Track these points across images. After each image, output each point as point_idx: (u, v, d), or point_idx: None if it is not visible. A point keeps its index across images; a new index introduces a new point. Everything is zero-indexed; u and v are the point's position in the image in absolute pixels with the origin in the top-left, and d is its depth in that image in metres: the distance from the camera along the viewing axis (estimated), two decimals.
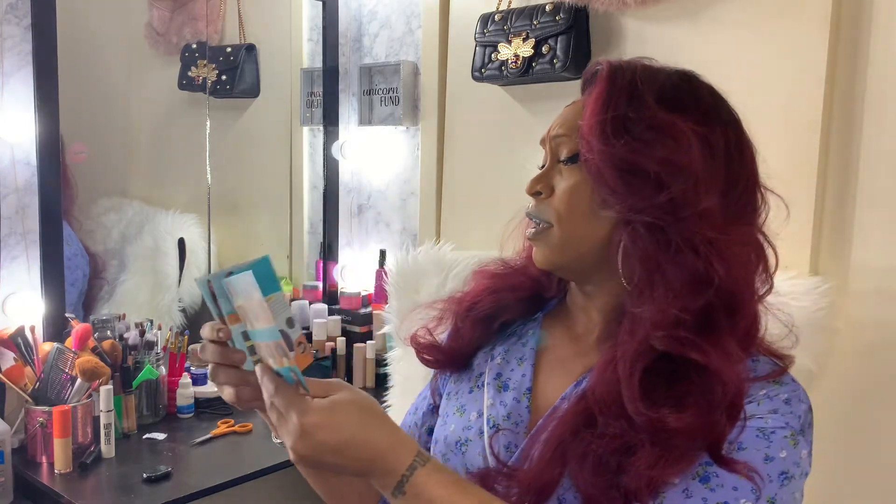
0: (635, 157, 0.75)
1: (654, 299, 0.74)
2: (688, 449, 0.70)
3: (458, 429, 0.89)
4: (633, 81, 0.79)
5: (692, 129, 0.76)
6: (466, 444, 0.87)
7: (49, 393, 1.57)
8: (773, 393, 0.75)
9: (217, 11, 2.27)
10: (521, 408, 0.86)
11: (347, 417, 0.70)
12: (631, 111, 0.77)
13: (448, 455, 0.89)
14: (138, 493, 1.42)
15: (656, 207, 0.74)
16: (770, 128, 1.41)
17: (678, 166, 0.74)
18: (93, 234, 2.08)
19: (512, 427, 0.85)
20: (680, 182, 0.74)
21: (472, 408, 0.90)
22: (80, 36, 1.93)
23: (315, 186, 2.44)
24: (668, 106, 0.77)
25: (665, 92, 0.79)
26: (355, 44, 2.32)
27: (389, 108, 2.20)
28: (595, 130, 0.77)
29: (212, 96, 2.19)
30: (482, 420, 0.87)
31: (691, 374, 0.72)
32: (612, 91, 0.79)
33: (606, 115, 0.77)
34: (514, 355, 0.91)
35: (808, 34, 1.36)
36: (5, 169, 1.72)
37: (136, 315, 1.94)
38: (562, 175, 0.82)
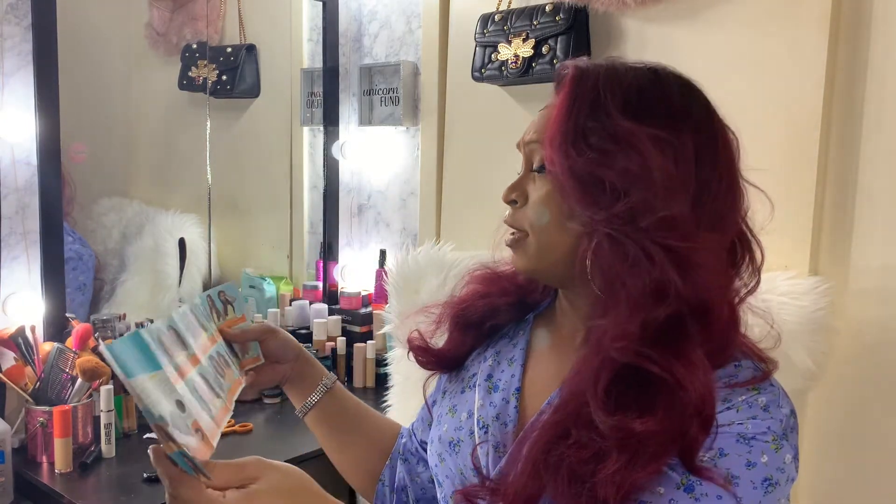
0: (593, 168, 0.74)
1: (616, 311, 0.73)
2: (657, 454, 0.69)
3: (451, 429, 0.90)
4: (595, 88, 0.77)
5: (656, 136, 0.74)
6: (459, 445, 0.88)
7: (49, 393, 1.57)
8: (753, 399, 0.74)
9: (217, 11, 2.27)
10: (510, 408, 0.86)
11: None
12: (591, 121, 0.75)
13: (444, 454, 0.90)
14: (139, 492, 1.42)
15: (615, 217, 0.73)
16: (770, 128, 1.41)
17: (637, 176, 0.73)
18: (93, 234, 2.08)
19: (501, 428, 0.85)
20: (639, 191, 0.72)
21: (463, 408, 0.91)
22: (80, 36, 1.93)
23: (315, 186, 2.44)
24: (632, 113, 0.75)
25: (630, 98, 0.76)
26: (355, 44, 2.32)
27: (389, 109, 2.20)
28: (555, 142, 0.76)
29: (212, 96, 2.19)
30: (472, 421, 0.88)
31: (658, 381, 0.71)
32: (574, 98, 0.77)
33: (568, 124, 0.76)
34: (505, 356, 0.92)
35: (808, 34, 1.37)
36: (5, 169, 1.72)
37: (136, 315, 1.94)
38: (535, 183, 0.82)
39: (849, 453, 1.35)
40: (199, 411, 0.67)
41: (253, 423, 1.75)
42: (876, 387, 1.32)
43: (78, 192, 1.99)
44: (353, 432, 1.06)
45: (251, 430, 1.74)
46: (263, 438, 1.71)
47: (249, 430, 1.74)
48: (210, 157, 2.14)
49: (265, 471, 0.67)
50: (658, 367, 0.70)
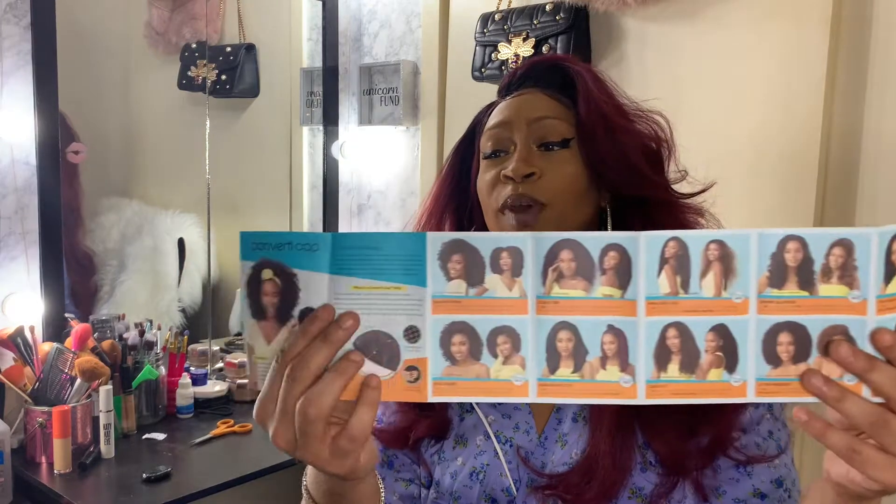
0: (644, 140, 0.81)
1: None
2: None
3: (469, 460, 0.84)
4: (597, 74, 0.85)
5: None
6: (484, 471, 0.82)
7: (48, 393, 1.57)
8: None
9: (216, 11, 2.27)
10: (525, 414, 0.84)
11: None
12: (623, 98, 0.84)
13: (461, 491, 0.83)
14: (138, 493, 1.42)
15: (664, 185, 0.81)
16: (770, 127, 1.41)
17: (660, 146, 0.82)
18: (92, 234, 2.08)
19: (524, 437, 0.83)
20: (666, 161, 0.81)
21: (474, 434, 0.85)
22: (79, 35, 1.93)
23: (315, 186, 2.44)
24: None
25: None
26: (355, 43, 2.31)
27: (389, 108, 2.20)
28: (618, 112, 0.81)
29: (211, 96, 2.19)
30: (492, 441, 0.83)
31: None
32: (603, 81, 0.83)
33: (618, 100, 0.82)
34: None
35: (808, 34, 1.36)
36: (4, 169, 1.72)
37: (135, 315, 1.93)
38: (553, 156, 0.82)
39: None
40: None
41: (252, 424, 1.75)
42: None
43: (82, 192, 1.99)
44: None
45: (251, 430, 1.74)
46: (263, 439, 1.71)
47: (249, 430, 1.74)
48: (209, 156, 2.14)
49: None
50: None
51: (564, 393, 0.56)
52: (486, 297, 0.55)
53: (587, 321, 0.55)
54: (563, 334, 0.55)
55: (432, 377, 0.56)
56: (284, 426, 0.55)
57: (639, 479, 0.76)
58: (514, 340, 0.55)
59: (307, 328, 0.55)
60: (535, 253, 0.55)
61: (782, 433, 0.80)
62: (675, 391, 0.55)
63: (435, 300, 0.55)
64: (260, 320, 0.57)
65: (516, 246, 0.55)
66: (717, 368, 0.54)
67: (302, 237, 0.56)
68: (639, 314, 0.55)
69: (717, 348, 0.54)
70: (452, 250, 0.55)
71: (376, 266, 0.55)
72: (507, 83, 0.89)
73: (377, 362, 0.56)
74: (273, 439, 0.56)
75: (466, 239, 0.55)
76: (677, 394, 0.55)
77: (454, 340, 0.56)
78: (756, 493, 0.76)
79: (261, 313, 0.57)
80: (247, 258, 0.57)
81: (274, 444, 0.57)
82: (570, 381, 0.55)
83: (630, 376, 0.55)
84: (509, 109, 0.85)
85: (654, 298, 0.54)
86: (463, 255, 0.55)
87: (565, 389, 0.55)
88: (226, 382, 1.93)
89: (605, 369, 0.55)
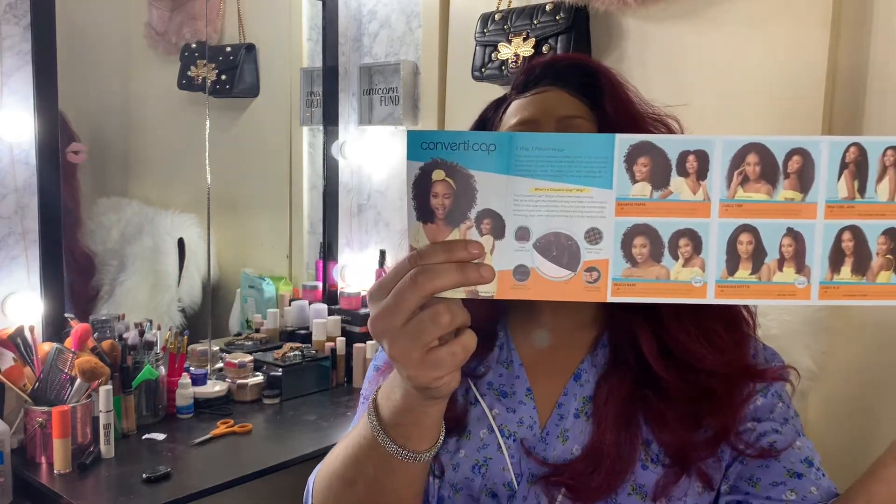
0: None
1: None
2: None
3: (471, 452, 0.84)
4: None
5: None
6: (486, 465, 0.82)
7: (48, 393, 1.57)
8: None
9: (216, 11, 2.27)
10: (529, 409, 0.84)
11: None
12: (643, 105, 0.86)
13: (461, 485, 0.83)
14: (138, 493, 1.42)
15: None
16: (770, 127, 1.41)
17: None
18: (92, 234, 2.08)
19: (527, 431, 0.83)
20: None
21: (478, 427, 0.85)
22: (79, 35, 1.93)
23: (315, 186, 2.44)
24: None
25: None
26: (355, 43, 2.31)
27: (389, 108, 2.20)
28: (641, 115, 0.83)
29: (211, 96, 2.19)
30: (495, 435, 0.83)
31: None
32: (624, 82, 0.84)
33: (639, 102, 0.84)
34: (496, 361, 0.88)
35: (808, 34, 1.36)
36: (5, 169, 1.72)
37: (135, 315, 1.93)
38: None
39: (849, 453, 1.35)
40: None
41: (252, 424, 1.75)
42: (876, 387, 1.32)
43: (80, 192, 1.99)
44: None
45: (250, 430, 1.73)
46: (263, 439, 1.71)
47: (249, 430, 1.73)
48: (209, 156, 2.14)
49: None
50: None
51: (742, 294, 0.57)
52: (670, 200, 0.56)
53: (768, 224, 0.56)
54: (745, 237, 0.56)
55: (612, 278, 0.56)
56: (389, 315, 0.55)
57: (640, 475, 0.77)
58: (696, 243, 0.56)
59: (452, 247, 0.54)
60: (722, 156, 0.55)
61: (796, 420, 0.82)
62: (847, 292, 0.57)
63: (619, 202, 0.55)
64: (427, 223, 0.56)
65: (703, 149, 0.55)
66: (887, 271, 0.56)
67: (479, 136, 0.55)
68: (818, 217, 0.56)
69: (888, 251, 0.56)
70: (640, 152, 0.55)
71: (558, 167, 0.55)
72: (525, 80, 0.88)
73: (557, 263, 0.56)
74: (372, 322, 0.57)
75: (654, 141, 0.55)
76: (848, 295, 0.57)
77: (636, 242, 0.56)
78: (791, 473, 0.77)
79: (429, 215, 0.56)
80: (414, 158, 0.56)
81: (370, 326, 0.57)
82: (747, 283, 0.56)
83: (805, 277, 0.56)
84: (535, 107, 0.84)
85: (833, 202, 0.56)
86: (650, 157, 0.55)
87: (743, 290, 0.56)
88: (226, 382, 1.93)
89: (782, 271, 0.56)
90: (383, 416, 0.65)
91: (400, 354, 0.56)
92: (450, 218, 0.55)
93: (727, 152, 0.55)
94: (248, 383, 1.93)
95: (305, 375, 1.98)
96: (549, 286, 0.56)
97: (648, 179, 0.55)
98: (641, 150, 0.55)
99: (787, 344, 1.22)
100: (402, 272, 0.55)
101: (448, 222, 0.55)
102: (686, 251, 0.56)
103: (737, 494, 0.78)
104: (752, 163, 0.55)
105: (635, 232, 0.56)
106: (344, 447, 0.72)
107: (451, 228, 0.55)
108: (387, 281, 0.56)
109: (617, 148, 0.55)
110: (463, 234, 0.55)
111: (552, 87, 0.85)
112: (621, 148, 0.55)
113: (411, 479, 0.68)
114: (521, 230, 0.56)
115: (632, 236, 0.56)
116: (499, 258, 0.56)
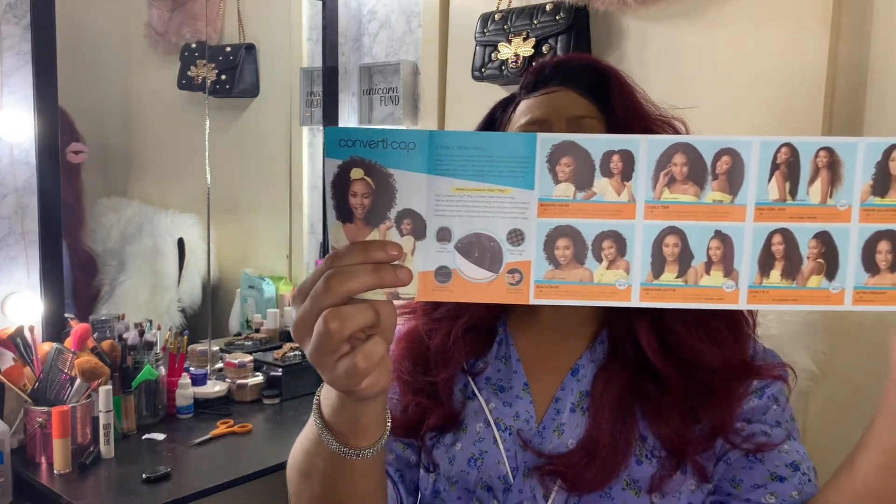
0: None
1: None
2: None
3: (467, 446, 0.84)
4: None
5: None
6: (482, 458, 0.83)
7: (48, 393, 1.57)
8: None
9: (216, 11, 2.27)
10: (526, 404, 0.85)
11: None
12: (651, 106, 0.86)
13: (457, 478, 0.84)
14: (138, 493, 1.42)
15: None
16: (770, 127, 1.41)
17: None
18: (93, 234, 2.08)
19: (523, 425, 0.83)
20: None
21: (475, 421, 0.86)
22: (79, 35, 1.93)
23: (315, 186, 2.44)
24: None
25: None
26: (355, 43, 2.31)
27: (389, 108, 2.20)
28: (650, 116, 0.83)
29: (211, 96, 2.19)
30: (492, 429, 0.84)
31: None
32: (633, 84, 0.85)
33: (648, 104, 0.84)
34: (494, 357, 0.89)
35: (810, 33, 1.36)
36: (5, 169, 1.72)
37: (135, 315, 1.93)
38: None
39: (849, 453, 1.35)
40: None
41: (252, 424, 1.75)
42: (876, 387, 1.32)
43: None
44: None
45: (250, 430, 1.73)
46: (263, 439, 1.71)
47: (248, 430, 1.73)
48: (209, 156, 2.14)
49: None
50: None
51: (667, 297, 0.55)
52: (593, 202, 0.55)
53: (696, 226, 0.55)
54: (671, 239, 0.55)
55: (535, 280, 0.55)
56: (303, 319, 0.55)
57: (635, 470, 0.77)
58: (620, 245, 0.55)
59: (369, 247, 0.53)
60: (647, 156, 0.54)
61: (791, 424, 0.81)
62: (777, 297, 0.55)
63: (541, 203, 0.54)
64: (346, 222, 0.54)
65: (628, 149, 0.54)
66: (818, 276, 0.55)
67: (398, 134, 0.54)
68: (747, 220, 0.55)
69: (819, 255, 0.55)
70: (563, 153, 0.54)
71: (479, 167, 0.54)
72: (534, 80, 0.88)
73: (479, 265, 0.55)
74: (292, 327, 0.56)
75: (578, 141, 0.54)
76: (778, 300, 0.55)
77: (559, 244, 0.55)
78: (774, 476, 0.77)
79: (348, 215, 0.54)
80: (333, 156, 0.54)
81: (291, 331, 0.56)
82: (673, 286, 0.55)
83: (733, 282, 0.55)
84: (545, 106, 0.84)
85: (764, 204, 0.54)
86: (573, 157, 0.54)
87: (668, 294, 0.55)
88: (225, 382, 1.93)
89: (710, 274, 0.55)
90: (324, 415, 0.65)
91: (314, 361, 0.56)
92: (369, 218, 0.54)
93: (653, 152, 0.54)
94: (248, 383, 1.93)
95: (305, 375, 1.98)
96: (471, 288, 0.55)
97: (571, 180, 0.54)
98: (564, 150, 0.54)
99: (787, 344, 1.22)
100: (320, 274, 0.54)
101: (367, 222, 0.54)
102: (610, 253, 0.55)
103: (720, 495, 0.79)
104: (678, 163, 0.54)
105: (558, 233, 0.55)
106: (299, 440, 0.72)
107: (371, 228, 0.54)
108: (306, 284, 0.55)
109: (539, 148, 0.54)
110: (382, 235, 0.54)
111: (562, 88, 0.85)
112: (543, 148, 0.54)
113: (361, 472, 0.68)
114: (443, 231, 0.55)
115: (555, 238, 0.55)
116: (420, 259, 0.55)
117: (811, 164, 0.54)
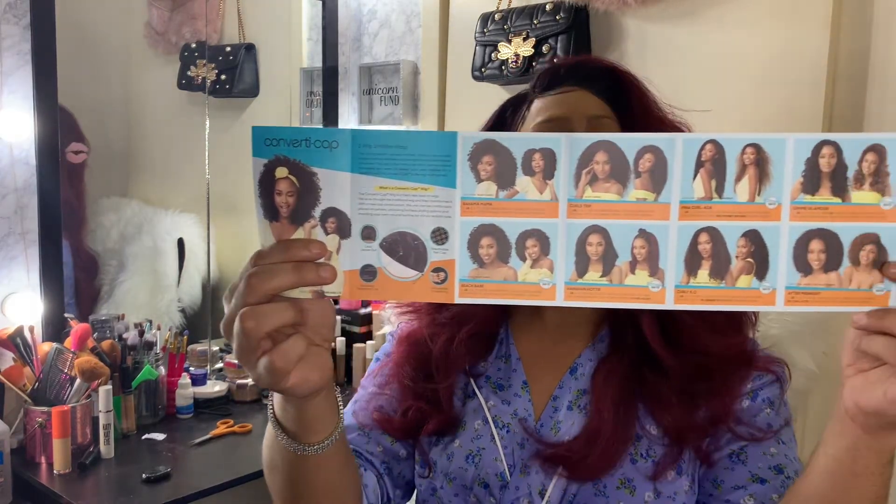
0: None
1: None
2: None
3: (465, 443, 0.85)
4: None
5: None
6: (479, 455, 0.83)
7: (48, 393, 1.56)
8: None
9: (216, 11, 2.27)
10: (524, 402, 0.85)
11: None
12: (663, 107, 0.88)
13: (455, 475, 0.84)
14: (138, 493, 1.42)
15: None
16: (770, 126, 1.41)
17: None
18: (92, 233, 2.08)
19: (521, 423, 0.84)
20: None
21: (473, 418, 0.87)
22: (79, 35, 1.93)
23: None
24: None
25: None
26: (355, 43, 2.31)
27: (389, 108, 2.20)
28: (665, 120, 0.85)
29: (211, 96, 2.19)
30: (490, 426, 0.84)
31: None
32: (647, 88, 0.86)
33: (667, 112, 0.87)
34: (494, 355, 0.89)
35: (810, 33, 1.36)
36: (5, 169, 1.72)
37: (135, 315, 1.93)
38: None
39: None
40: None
41: (252, 424, 1.75)
42: None
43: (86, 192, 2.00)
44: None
45: (250, 430, 1.73)
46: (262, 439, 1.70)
47: (248, 430, 1.73)
48: (209, 156, 2.13)
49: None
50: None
51: (592, 297, 0.55)
52: (516, 200, 0.54)
53: (619, 225, 0.54)
54: (594, 238, 0.55)
55: (459, 279, 0.55)
56: (229, 317, 0.55)
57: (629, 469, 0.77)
58: (543, 244, 0.55)
59: (291, 246, 0.53)
60: (568, 155, 0.54)
61: (784, 428, 0.81)
62: (706, 297, 0.54)
63: (464, 202, 0.55)
64: (272, 221, 0.55)
65: (549, 147, 0.54)
66: (748, 275, 0.54)
67: (320, 133, 0.54)
68: (671, 218, 0.54)
69: (748, 254, 0.54)
70: (484, 151, 0.54)
71: (402, 166, 0.54)
72: (549, 80, 0.88)
73: (404, 263, 0.55)
74: (221, 325, 0.56)
75: (498, 139, 0.54)
76: (707, 300, 0.55)
77: (482, 243, 0.55)
78: (755, 478, 0.77)
79: (274, 214, 0.55)
80: (259, 155, 0.55)
81: (222, 331, 0.56)
82: (598, 286, 0.55)
83: (659, 281, 0.54)
84: (564, 106, 0.84)
85: (688, 202, 0.54)
86: (494, 156, 0.54)
87: (593, 293, 0.55)
88: (225, 382, 1.92)
89: (635, 274, 0.55)
90: (275, 411, 0.66)
91: (237, 359, 0.56)
92: (294, 216, 0.54)
93: (574, 151, 0.53)
94: (248, 383, 1.92)
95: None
96: (396, 286, 0.55)
97: (493, 178, 0.54)
98: (485, 148, 0.54)
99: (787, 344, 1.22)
100: (245, 273, 0.55)
101: (292, 221, 0.54)
102: (533, 252, 0.55)
103: (701, 496, 0.79)
104: (600, 161, 0.53)
105: (482, 232, 0.55)
106: (265, 436, 0.74)
107: (296, 227, 0.54)
108: (235, 282, 0.56)
109: (460, 146, 0.54)
110: (308, 233, 0.54)
111: (577, 88, 0.85)
112: (465, 146, 0.54)
113: (316, 467, 0.68)
114: (367, 229, 0.55)
115: (478, 236, 0.55)
116: (345, 258, 0.55)
117: (737, 162, 0.53)
